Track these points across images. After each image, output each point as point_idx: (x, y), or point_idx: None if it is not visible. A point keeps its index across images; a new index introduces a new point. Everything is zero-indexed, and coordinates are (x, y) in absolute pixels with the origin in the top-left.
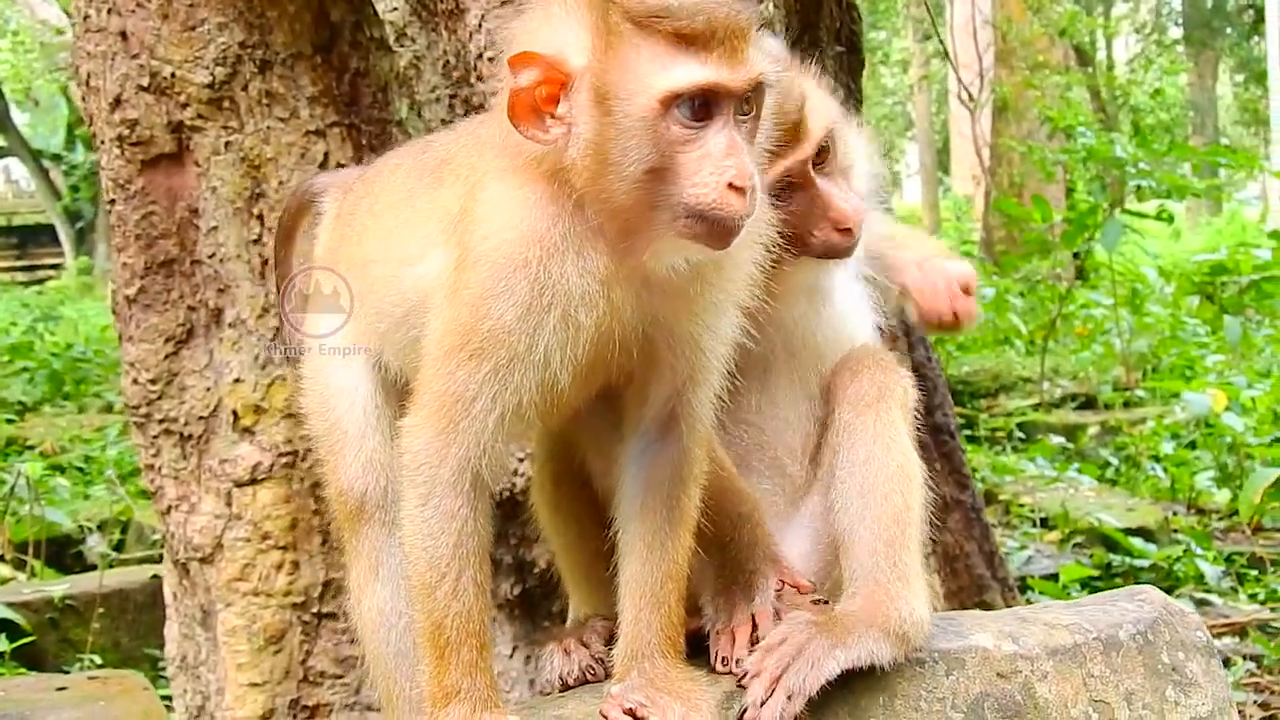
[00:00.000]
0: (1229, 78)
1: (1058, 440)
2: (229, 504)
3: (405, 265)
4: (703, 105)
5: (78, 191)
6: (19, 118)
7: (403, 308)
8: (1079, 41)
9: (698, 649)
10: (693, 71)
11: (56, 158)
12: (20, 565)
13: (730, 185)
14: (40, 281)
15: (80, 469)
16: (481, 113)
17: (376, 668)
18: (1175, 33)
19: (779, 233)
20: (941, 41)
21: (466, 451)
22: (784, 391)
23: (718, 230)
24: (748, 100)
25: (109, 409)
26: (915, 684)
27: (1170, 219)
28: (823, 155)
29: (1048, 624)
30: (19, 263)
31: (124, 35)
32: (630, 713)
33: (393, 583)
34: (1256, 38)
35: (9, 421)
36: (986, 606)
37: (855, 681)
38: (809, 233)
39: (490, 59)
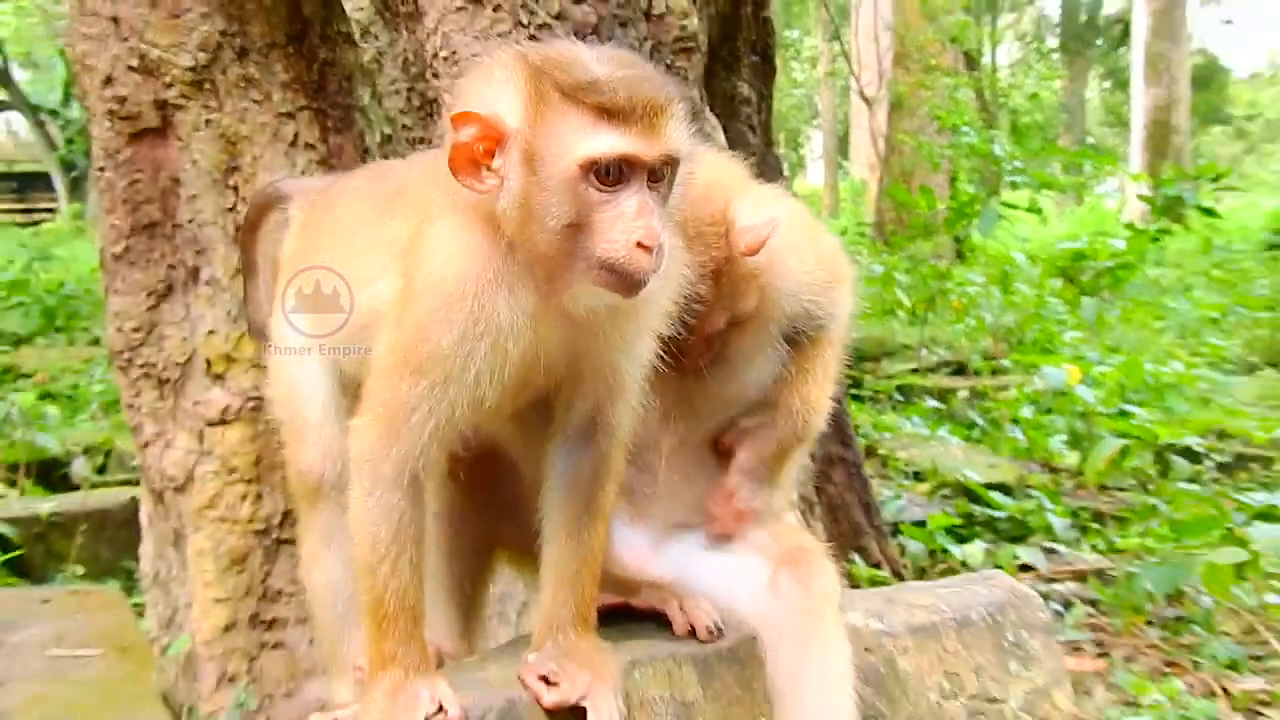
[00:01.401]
0: (1097, 83)
1: (932, 403)
2: (200, 441)
3: (360, 286)
4: (617, 171)
5: (72, 144)
6: (20, 75)
7: (356, 323)
8: (968, 48)
9: (609, 621)
10: (610, 141)
11: (54, 113)
12: (12, 484)
13: (638, 244)
14: (37, 224)
15: (69, 397)
16: (435, 117)
17: (322, 629)
18: (1052, 42)
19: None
20: (843, 45)
21: (405, 453)
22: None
23: (626, 282)
24: (663, 168)
25: (95, 342)
26: None
27: (1039, 211)
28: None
29: (910, 604)
30: (18, 206)
31: (115, 20)
32: (544, 679)
33: (342, 556)
34: (1123, 49)
35: (4, 352)
36: (862, 550)
37: (742, 651)
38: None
39: (445, 58)
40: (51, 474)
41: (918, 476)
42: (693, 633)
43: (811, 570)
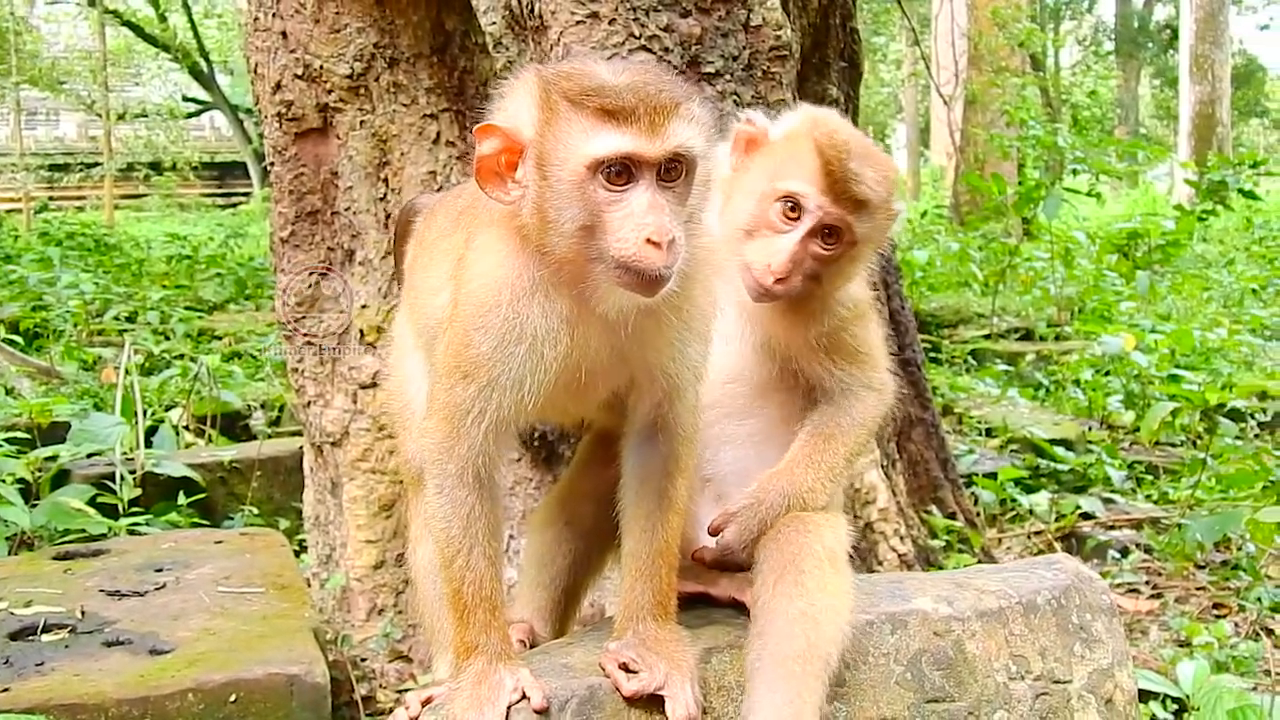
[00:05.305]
0: (1149, 82)
1: (1002, 366)
2: (354, 401)
3: (431, 295)
4: (624, 170)
5: (264, 138)
6: (221, 79)
7: (432, 329)
8: (1034, 51)
9: (692, 606)
10: (613, 141)
11: (248, 111)
12: (200, 434)
13: (648, 240)
14: (233, 206)
15: (253, 357)
16: None
17: (424, 606)
18: (1108, 45)
19: None
20: (924, 50)
21: (467, 453)
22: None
23: (643, 280)
24: (673, 167)
25: None
26: (864, 641)
27: (1097, 195)
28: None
29: (978, 589)
30: (218, 190)
31: (284, 34)
32: (623, 666)
33: None
34: (1171, 51)
35: (201, 316)
36: (939, 501)
37: None
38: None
39: None
40: (234, 425)
41: (989, 433)
42: None
43: (799, 527)
